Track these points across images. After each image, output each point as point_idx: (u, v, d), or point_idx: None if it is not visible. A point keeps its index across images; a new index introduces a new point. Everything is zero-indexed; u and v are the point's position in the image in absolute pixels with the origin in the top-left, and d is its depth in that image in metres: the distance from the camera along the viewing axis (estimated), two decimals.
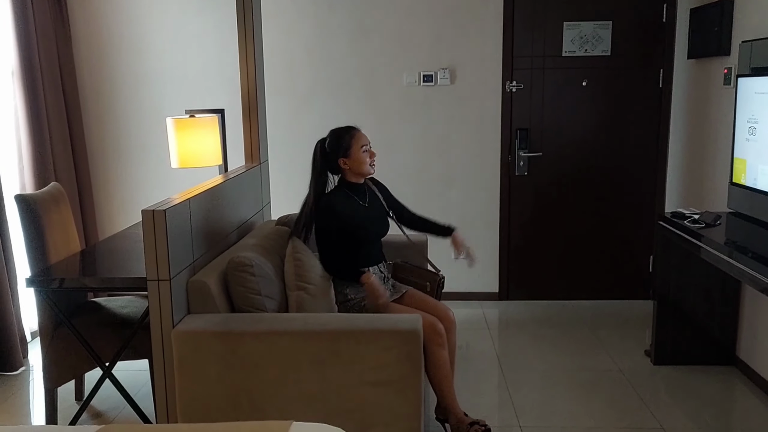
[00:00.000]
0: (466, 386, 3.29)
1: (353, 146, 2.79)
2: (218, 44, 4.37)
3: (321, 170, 2.81)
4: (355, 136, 2.81)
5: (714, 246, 2.78)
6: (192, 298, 2.43)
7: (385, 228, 2.96)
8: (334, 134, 2.83)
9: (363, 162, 2.80)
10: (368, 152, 2.82)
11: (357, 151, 2.79)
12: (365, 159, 2.80)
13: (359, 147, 2.79)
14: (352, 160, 2.79)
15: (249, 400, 2.35)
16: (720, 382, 3.33)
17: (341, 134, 2.81)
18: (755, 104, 3.02)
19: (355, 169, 2.80)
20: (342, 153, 2.79)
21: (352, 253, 2.79)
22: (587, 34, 4.34)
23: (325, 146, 2.82)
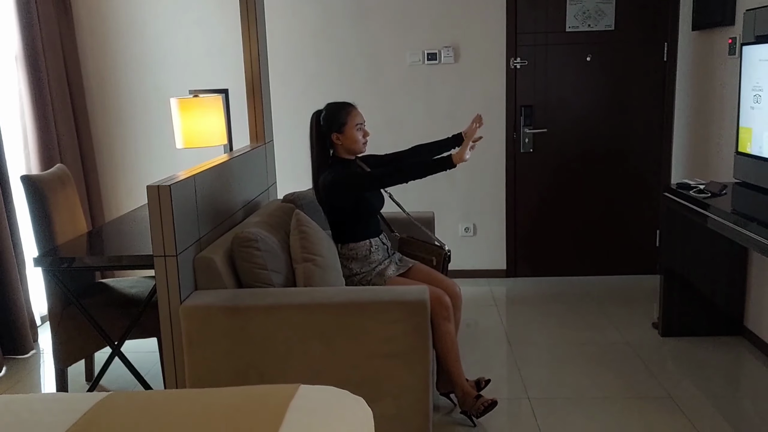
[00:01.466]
0: (474, 362, 3.31)
1: (348, 123, 2.77)
2: (221, 25, 4.36)
3: (317, 142, 2.81)
4: (351, 113, 2.79)
5: (720, 215, 2.77)
6: (199, 274, 2.44)
7: (381, 202, 2.97)
8: (329, 108, 2.82)
9: (356, 140, 2.79)
10: (362, 131, 2.81)
11: (351, 128, 2.77)
12: (359, 137, 2.79)
13: (354, 124, 2.78)
14: (345, 137, 2.78)
15: (258, 374, 2.37)
16: (728, 352, 3.34)
17: (337, 109, 2.80)
18: (760, 72, 2.99)
19: (347, 145, 2.79)
20: (336, 128, 2.78)
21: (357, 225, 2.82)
22: (590, 9, 4.31)
23: (320, 119, 2.81)
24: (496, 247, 4.61)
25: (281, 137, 4.38)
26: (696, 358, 3.27)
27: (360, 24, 4.38)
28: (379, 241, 2.87)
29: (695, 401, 2.85)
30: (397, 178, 2.72)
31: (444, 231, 4.50)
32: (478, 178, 4.52)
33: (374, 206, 2.91)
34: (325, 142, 2.80)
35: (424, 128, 4.46)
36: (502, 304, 4.19)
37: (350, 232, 2.81)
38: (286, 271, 2.55)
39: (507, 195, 4.54)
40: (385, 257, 2.86)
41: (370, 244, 2.82)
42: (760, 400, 2.86)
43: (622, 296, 4.19)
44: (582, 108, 4.44)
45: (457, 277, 4.58)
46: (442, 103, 4.45)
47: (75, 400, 1.66)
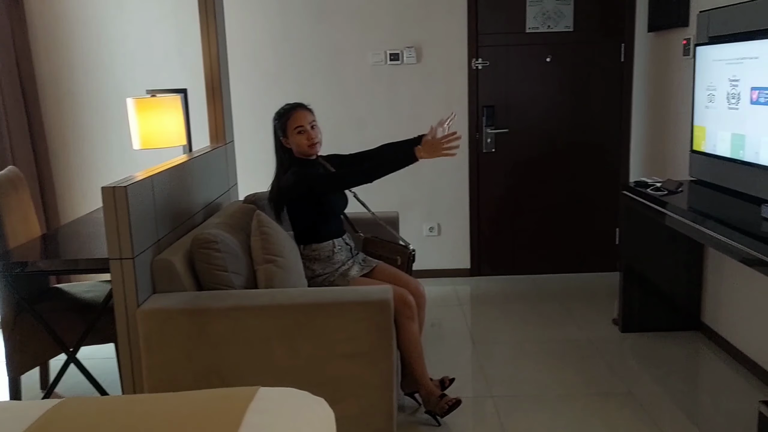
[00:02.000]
0: (439, 361, 3.31)
1: (288, 127, 2.76)
2: (180, 24, 4.29)
3: (275, 145, 2.83)
4: (292, 117, 2.75)
5: (677, 212, 2.83)
6: (157, 277, 2.39)
7: (344, 202, 2.96)
8: (278, 112, 2.82)
9: (299, 144, 2.75)
10: (305, 133, 2.75)
11: (292, 133, 2.75)
12: (301, 141, 2.75)
13: (293, 128, 2.74)
14: (290, 141, 2.77)
15: (218, 377, 2.33)
16: (685, 346, 3.41)
17: (281, 113, 2.80)
18: (713, 72, 3.07)
19: (295, 149, 2.78)
20: (282, 133, 2.78)
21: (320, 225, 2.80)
22: (549, 10, 4.37)
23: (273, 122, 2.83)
24: (460, 246, 4.63)
25: (242, 138, 4.32)
26: (655, 353, 3.33)
27: (322, 24, 4.36)
28: (342, 241, 2.85)
29: (654, 396, 2.90)
30: (361, 178, 2.70)
31: (408, 231, 4.50)
32: (441, 178, 4.54)
33: (337, 206, 2.90)
34: (281, 145, 2.81)
35: (388, 128, 4.46)
36: (466, 303, 4.21)
37: (313, 232, 2.78)
38: (247, 272, 2.52)
39: (470, 195, 4.56)
40: (348, 258, 2.84)
41: (333, 244, 2.80)
42: (717, 394, 2.93)
43: (584, 294, 4.25)
44: (542, 108, 4.49)
45: (422, 277, 4.58)
46: (405, 103, 4.46)
47: (27, 408, 1.60)
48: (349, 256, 2.85)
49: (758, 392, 2.90)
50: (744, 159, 2.83)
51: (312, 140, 2.76)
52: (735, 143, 2.90)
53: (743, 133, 2.83)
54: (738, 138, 2.87)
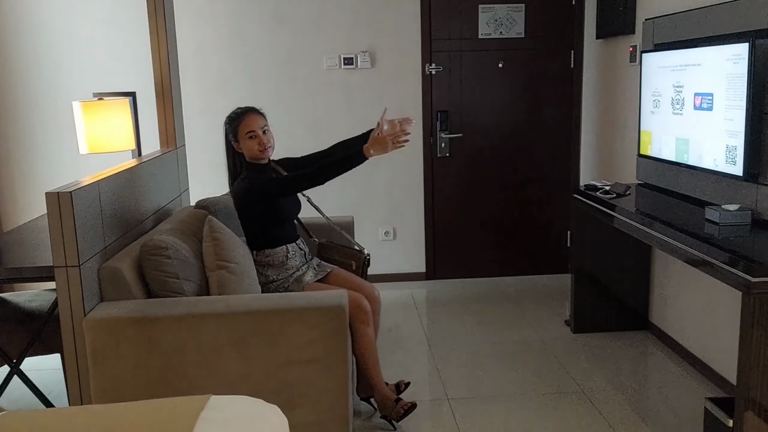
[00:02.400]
0: (395, 365, 3.31)
1: (239, 132, 2.73)
2: (128, 25, 4.20)
3: (226, 149, 2.80)
4: (243, 122, 2.72)
5: (625, 214, 2.90)
6: (105, 285, 2.32)
7: (297, 206, 2.94)
8: (229, 116, 2.79)
9: (250, 149, 2.72)
10: (257, 138, 2.71)
11: (243, 138, 2.72)
12: (252, 146, 2.71)
13: (245, 133, 2.71)
14: (240, 145, 2.74)
15: (169, 387, 2.27)
16: (634, 345, 3.49)
17: (233, 117, 2.77)
18: (658, 78, 3.16)
19: (246, 154, 2.75)
20: (233, 137, 2.75)
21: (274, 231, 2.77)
22: (502, 16, 4.44)
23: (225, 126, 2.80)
24: (415, 250, 4.65)
25: (194, 142, 4.26)
26: (605, 352, 3.41)
27: (275, 27, 4.33)
28: (296, 246, 2.83)
29: (605, 394, 2.96)
30: (313, 180, 2.68)
31: (364, 235, 4.50)
32: (397, 182, 4.55)
33: (290, 211, 2.87)
34: (231, 148, 2.78)
35: (343, 133, 4.39)
36: (422, 306, 4.22)
37: (266, 238, 2.75)
38: (199, 279, 2.47)
39: (425, 199, 4.59)
40: (302, 263, 2.82)
41: (287, 250, 2.77)
42: (665, 391, 3.01)
43: (537, 295, 4.32)
44: (495, 113, 4.55)
45: (378, 282, 4.58)
46: (361, 108, 4.46)
47: None
48: (303, 261, 2.83)
49: (704, 389, 2.99)
50: (688, 163, 2.92)
51: (263, 145, 2.73)
52: (679, 147, 2.99)
53: (687, 138, 2.92)
54: (682, 142, 2.96)
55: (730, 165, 2.61)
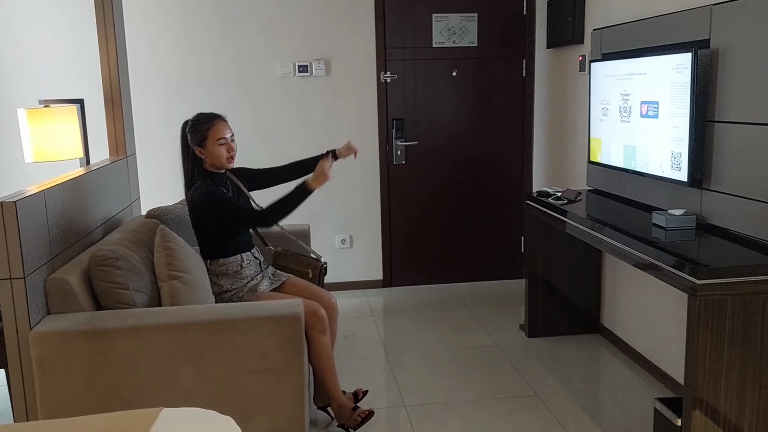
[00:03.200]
0: (352, 373, 3.30)
1: (209, 137, 2.65)
2: (76, 31, 4.10)
3: (183, 154, 2.73)
4: (214, 127, 2.66)
5: (576, 220, 2.96)
6: (51, 297, 2.25)
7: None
8: (194, 120, 2.71)
9: (219, 156, 2.66)
10: (226, 145, 2.68)
11: (212, 144, 2.65)
12: (222, 153, 2.66)
13: (215, 139, 2.65)
14: (207, 152, 2.66)
15: (121, 400, 2.22)
16: (587, 349, 3.56)
17: (201, 122, 2.68)
18: (606, 87, 3.25)
19: (210, 161, 2.68)
20: (197, 142, 2.66)
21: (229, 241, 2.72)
22: (455, 26, 4.49)
23: (185, 131, 2.71)
24: (372, 258, 4.65)
25: (145, 150, 4.18)
26: (559, 356, 3.47)
27: (228, 34, 4.28)
28: (251, 255, 2.79)
29: (559, 397, 3.01)
30: (264, 224, 2.69)
31: (320, 243, 4.48)
32: (353, 190, 4.55)
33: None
34: (191, 154, 2.70)
35: (298, 140, 4.43)
36: (378, 314, 4.22)
37: (220, 247, 2.71)
38: (151, 290, 2.42)
39: (382, 206, 4.60)
40: (257, 272, 2.79)
41: (242, 259, 2.73)
42: (616, 392, 3.08)
43: (493, 301, 4.37)
44: (450, 121, 4.60)
45: (334, 290, 4.57)
46: (316, 115, 4.44)
47: None
48: (258, 270, 2.80)
49: (654, 389, 3.07)
50: (635, 169, 3.01)
51: (232, 153, 2.69)
52: (627, 154, 3.07)
53: (634, 145, 3.01)
54: (630, 149, 3.05)
55: (675, 171, 2.69)
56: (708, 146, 2.60)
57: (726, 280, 2.08)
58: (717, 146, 2.55)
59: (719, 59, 2.51)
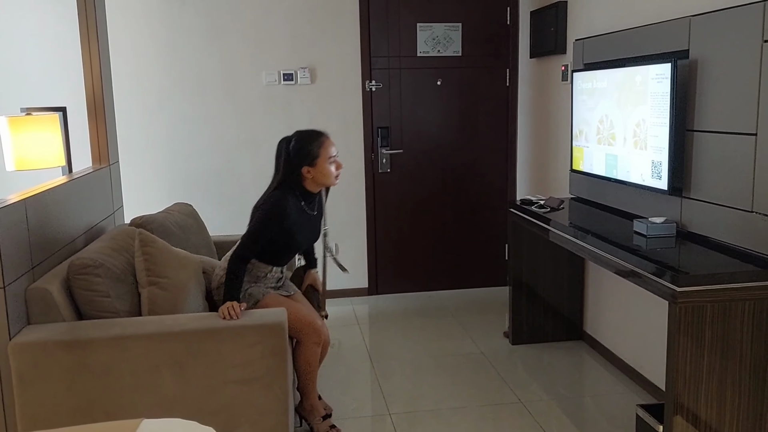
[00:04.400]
0: (337, 381, 3.30)
1: (321, 155, 2.56)
2: (59, 39, 4.07)
3: (284, 172, 2.58)
4: (324, 145, 2.58)
5: (559, 228, 2.98)
6: (32, 307, 2.23)
7: (316, 238, 2.82)
8: (300, 138, 2.60)
9: (329, 174, 2.59)
10: (335, 163, 2.61)
11: (324, 162, 2.56)
12: (332, 171, 2.59)
13: (327, 157, 2.57)
14: (317, 171, 2.56)
15: (102, 411, 2.20)
16: (570, 355, 3.59)
17: (309, 140, 2.58)
18: (588, 95, 3.28)
19: (318, 179, 2.59)
20: (308, 161, 2.56)
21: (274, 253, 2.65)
22: (439, 35, 4.52)
23: (290, 149, 2.59)
24: (358, 266, 4.64)
25: (129, 158, 4.15)
26: (542, 363, 3.48)
27: (214, 42, 4.28)
28: (279, 272, 2.73)
29: (542, 404, 3.02)
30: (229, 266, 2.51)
31: None
32: (339, 198, 4.54)
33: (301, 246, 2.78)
34: (295, 173, 2.58)
35: None
36: (364, 322, 4.22)
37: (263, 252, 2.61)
38: (132, 296, 2.40)
39: (367, 214, 4.60)
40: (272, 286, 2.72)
41: (270, 269, 2.68)
42: (599, 398, 3.10)
43: (477, 308, 4.38)
44: (434, 129, 4.62)
45: None
46: (301, 124, 4.42)
47: None
48: (274, 285, 2.74)
49: (636, 396, 3.09)
50: (617, 177, 3.04)
51: (339, 170, 2.64)
52: (609, 163, 3.11)
53: (616, 154, 3.04)
54: (611, 158, 3.08)
55: (655, 180, 2.72)
56: (688, 155, 2.64)
57: (706, 287, 2.11)
58: (696, 155, 2.59)
59: (698, 69, 2.55)
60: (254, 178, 4.41)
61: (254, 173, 4.41)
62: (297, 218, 2.60)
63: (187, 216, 3.14)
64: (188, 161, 4.34)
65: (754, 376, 2.18)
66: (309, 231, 2.72)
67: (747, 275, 2.13)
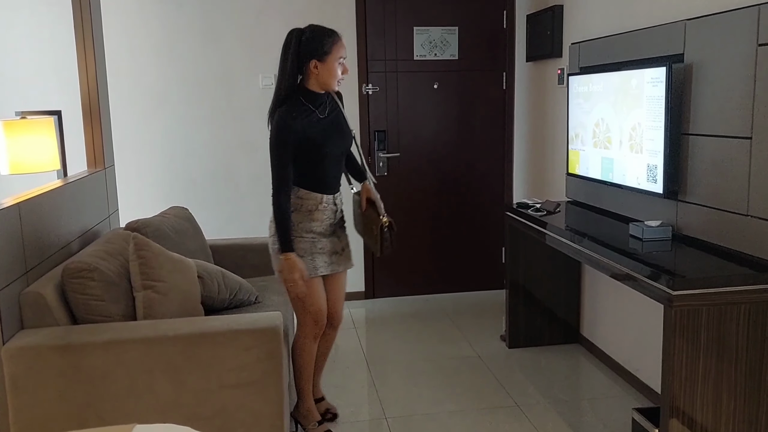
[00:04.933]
0: (334, 385, 3.29)
1: (332, 53, 2.46)
2: (54, 42, 4.07)
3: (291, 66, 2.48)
4: (337, 43, 2.49)
5: (555, 231, 2.98)
6: (26, 311, 2.22)
7: (348, 142, 2.66)
8: (314, 31, 2.49)
9: (334, 75, 2.49)
10: (343, 66, 2.51)
11: (333, 60, 2.47)
12: (337, 72, 2.49)
13: (337, 57, 2.48)
14: (324, 68, 2.47)
15: (96, 416, 2.19)
16: (567, 359, 3.58)
17: (323, 34, 2.48)
18: (584, 99, 3.28)
19: (322, 78, 2.49)
20: (318, 56, 2.46)
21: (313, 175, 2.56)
22: (436, 38, 4.52)
23: (301, 39, 2.49)
24: (355, 269, 4.61)
25: (124, 162, 4.15)
26: (539, 366, 3.48)
27: (210, 45, 4.28)
28: (332, 200, 2.63)
29: (539, 407, 3.02)
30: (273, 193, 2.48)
31: None
32: None
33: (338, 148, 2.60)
34: (301, 67, 2.50)
35: None
36: (361, 325, 4.21)
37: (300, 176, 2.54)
38: (127, 300, 2.39)
39: None
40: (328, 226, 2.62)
41: (320, 200, 2.58)
42: (595, 402, 3.09)
43: (474, 312, 4.38)
44: (431, 132, 4.62)
45: None
46: None
47: None
48: (331, 221, 2.64)
49: (633, 399, 3.09)
50: (613, 181, 3.04)
51: (345, 75, 2.54)
52: (605, 166, 3.11)
53: (612, 158, 3.04)
54: (607, 161, 3.08)
55: (651, 183, 2.72)
56: (683, 159, 2.64)
57: (701, 290, 2.10)
58: (691, 159, 2.59)
59: (693, 73, 2.56)
60: (250, 181, 4.41)
61: (250, 177, 4.40)
62: (310, 125, 2.50)
63: (183, 220, 3.14)
64: (184, 165, 4.34)
65: (749, 379, 2.18)
66: (334, 135, 2.57)
67: (742, 278, 2.13)
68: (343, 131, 2.63)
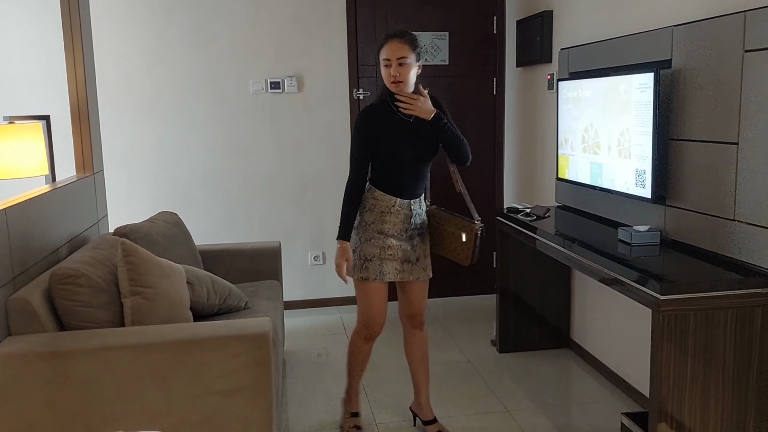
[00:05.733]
0: (324, 390, 3.28)
1: (380, 56, 2.52)
2: (43, 47, 4.05)
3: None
4: (382, 46, 2.52)
5: (545, 236, 2.99)
6: (12, 318, 2.20)
7: (431, 152, 2.66)
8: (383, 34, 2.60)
9: (385, 76, 2.52)
10: (388, 69, 2.49)
11: (382, 64, 2.52)
12: (386, 74, 2.51)
13: (381, 58, 2.52)
14: (381, 70, 2.54)
15: (84, 424, 2.17)
16: (557, 363, 3.59)
17: (382, 39, 2.56)
18: (573, 104, 3.30)
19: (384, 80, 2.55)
20: (376, 58, 2.58)
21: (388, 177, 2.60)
22: (426, 44, 4.54)
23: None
24: None
25: (114, 167, 4.13)
26: (529, 371, 3.48)
27: (200, 50, 4.27)
28: (407, 204, 2.65)
29: (528, 412, 3.02)
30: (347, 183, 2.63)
31: (293, 260, 4.46)
32: (326, 206, 4.54)
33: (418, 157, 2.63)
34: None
35: (271, 156, 4.42)
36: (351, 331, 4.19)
37: (378, 175, 2.60)
38: (115, 306, 2.38)
39: None
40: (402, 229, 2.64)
41: (394, 203, 2.61)
42: (585, 406, 3.10)
43: (464, 316, 4.38)
44: None
45: (308, 307, 4.57)
46: (288, 132, 4.44)
47: None
48: (405, 227, 2.66)
49: (622, 404, 3.09)
50: (602, 186, 3.05)
51: (393, 78, 2.49)
52: (594, 171, 3.12)
53: (601, 163, 3.06)
54: (596, 167, 3.10)
55: (639, 188, 2.74)
56: (671, 164, 2.65)
57: (688, 295, 2.12)
58: (679, 164, 2.61)
59: (680, 79, 2.58)
60: (241, 186, 4.40)
61: (241, 182, 4.39)
62: (386, 126, 2.54)
63: (173, 225, 3.13)
64: (174, 170, 4.33)
65: (737, 383, 2.19)
66: (407, 140, 2.56)
67: (729, 283, 2.15)
68: (418, 137, 2.60)
